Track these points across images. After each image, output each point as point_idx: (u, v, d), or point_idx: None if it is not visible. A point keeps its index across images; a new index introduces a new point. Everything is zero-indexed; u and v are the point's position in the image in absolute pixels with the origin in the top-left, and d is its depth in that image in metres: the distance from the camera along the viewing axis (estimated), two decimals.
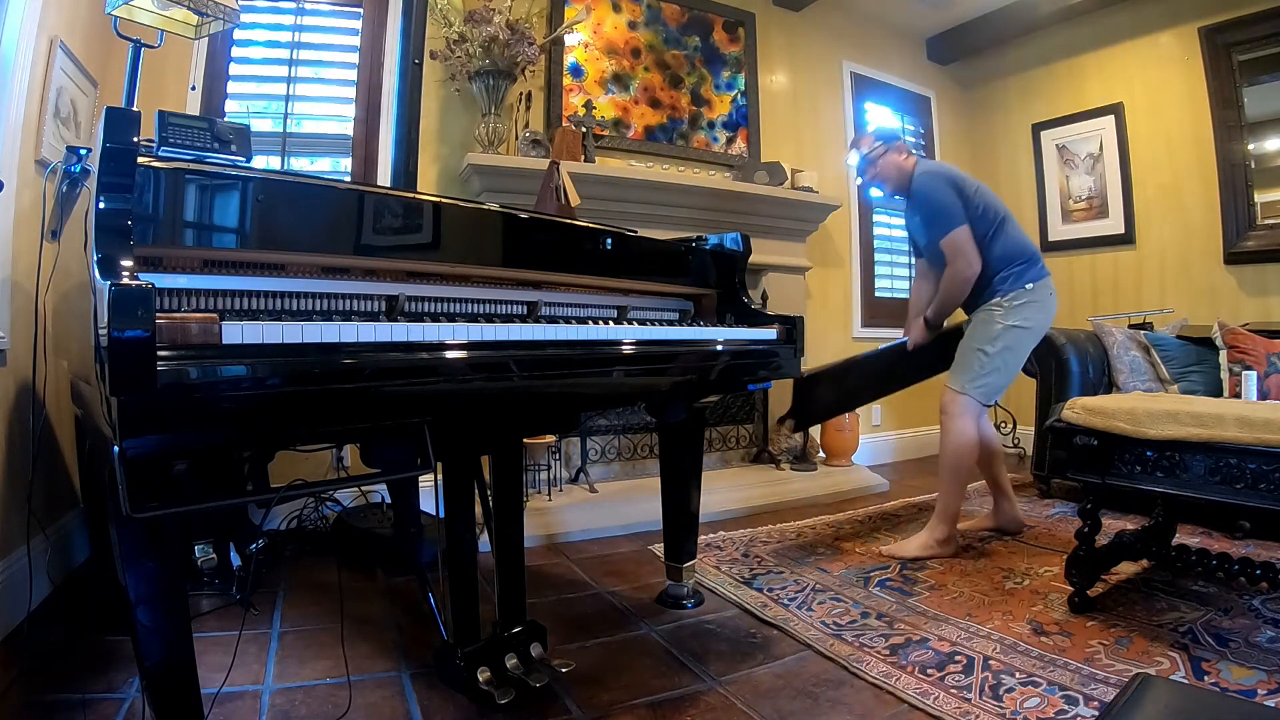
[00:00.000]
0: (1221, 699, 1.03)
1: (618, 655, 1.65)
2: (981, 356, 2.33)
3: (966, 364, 2.36)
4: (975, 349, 2.35)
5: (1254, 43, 3.33)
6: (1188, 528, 2.55)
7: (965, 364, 2.36)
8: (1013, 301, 2.33)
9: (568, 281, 1.53)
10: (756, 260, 2.52)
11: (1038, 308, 2.35)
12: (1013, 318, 2.32)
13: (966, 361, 2.36)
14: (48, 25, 1.84)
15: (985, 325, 2.36)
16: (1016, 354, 2.36)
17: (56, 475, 1.99)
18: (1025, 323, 2.33)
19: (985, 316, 2.37)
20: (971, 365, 2.34)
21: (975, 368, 2.33)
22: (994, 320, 2.34)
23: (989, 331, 2.34)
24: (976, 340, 2.36)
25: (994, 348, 2.32)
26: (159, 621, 0.93)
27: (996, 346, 2.32)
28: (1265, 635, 1.65)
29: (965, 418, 2.34)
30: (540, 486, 2.98)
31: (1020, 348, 2.36)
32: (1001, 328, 2.32)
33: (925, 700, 1.41)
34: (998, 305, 2.35)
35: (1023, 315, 2.32)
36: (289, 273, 1.12)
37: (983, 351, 2.33)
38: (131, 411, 0.78)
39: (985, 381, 2.33)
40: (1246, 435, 1.51)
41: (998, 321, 2.33)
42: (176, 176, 0.98)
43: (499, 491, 1.52)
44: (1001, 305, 2.34)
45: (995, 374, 2.33)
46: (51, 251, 1.73)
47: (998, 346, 2.32)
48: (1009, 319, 2.32)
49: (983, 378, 2.32)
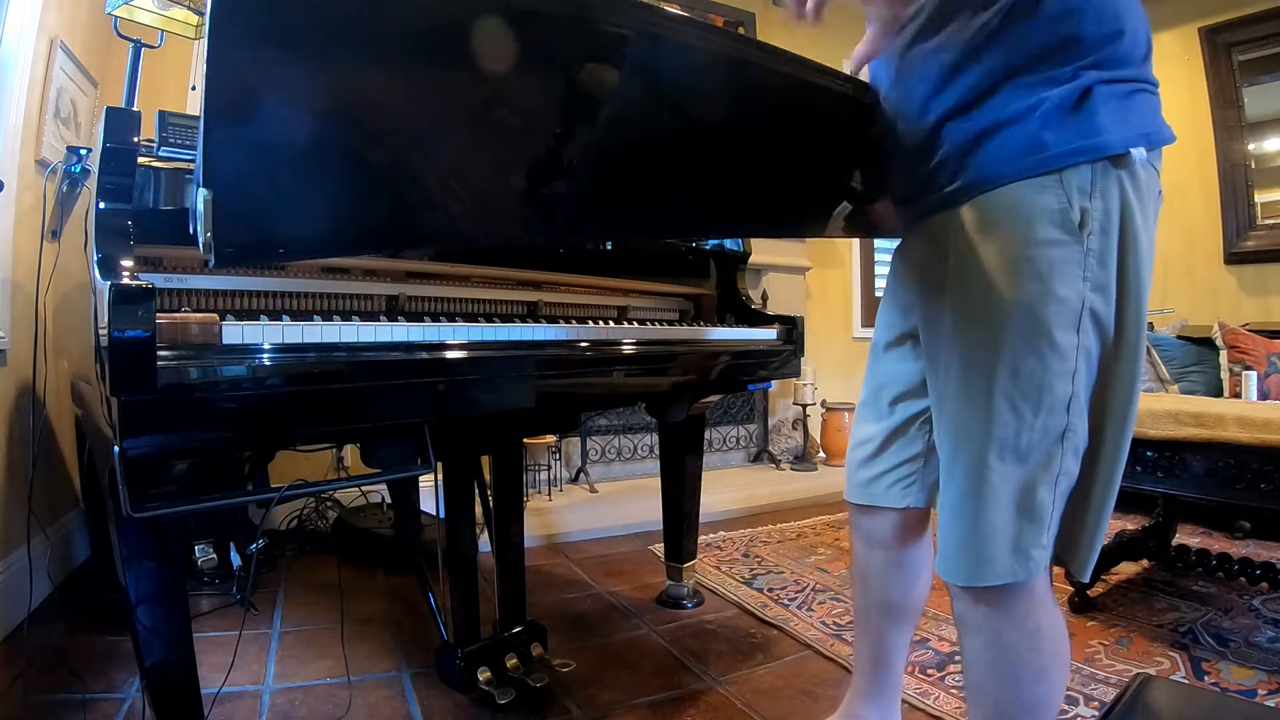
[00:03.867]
0: (1221, 699, 1.03)
1: (618, 655, 1.65)
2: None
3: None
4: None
5: (1254, 43, 3.33)
6: (1188, 528, 2.55)
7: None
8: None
9: (568, 281, 1.53)
10: (756, 260, 2.52)
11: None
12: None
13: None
14: (48, 25, 1.84)
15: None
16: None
17: (56, 475, 1.99)
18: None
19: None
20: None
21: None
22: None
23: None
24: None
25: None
26: (159, 621, 0.93)
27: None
28: (1265, 635, 1.65)
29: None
30: (540, 486, 2.98)
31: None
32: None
33: (925, 700, 1.41)
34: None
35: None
36: (289, 273, 1.12)
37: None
38: (132, 411, 0.78)
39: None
40: (1246, 435, 1.51)
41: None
42: (177, 177, 0.99)
43: (499, 491, 1.52)
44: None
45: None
46: (51, 251, 1.73)
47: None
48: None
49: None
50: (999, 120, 0.79)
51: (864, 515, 1.11)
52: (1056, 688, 0.85)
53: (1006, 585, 0.80)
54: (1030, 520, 0.79)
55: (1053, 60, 0.77)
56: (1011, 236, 0.78)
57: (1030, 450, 0.79)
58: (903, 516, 1.06)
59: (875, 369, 1.09)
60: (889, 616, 1.12)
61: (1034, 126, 0.77)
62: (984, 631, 0.84)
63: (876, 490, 1.07)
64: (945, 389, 0.86)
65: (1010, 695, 0.84)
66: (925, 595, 1.12)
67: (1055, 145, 0.76)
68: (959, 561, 0.83)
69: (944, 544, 0.85)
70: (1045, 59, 0.77)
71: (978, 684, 0.86)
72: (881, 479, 1.06)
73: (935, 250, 0.87)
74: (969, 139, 0.81)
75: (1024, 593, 0.81)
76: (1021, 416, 0.78)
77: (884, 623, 1.13)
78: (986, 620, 0.84)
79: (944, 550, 0.85)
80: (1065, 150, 0.76)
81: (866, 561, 1.12)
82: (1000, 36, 0.78)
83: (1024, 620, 0.82)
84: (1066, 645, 0.87)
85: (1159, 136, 0.80)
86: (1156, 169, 0.81)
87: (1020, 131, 0.78)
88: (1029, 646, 0.83)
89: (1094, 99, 0.76)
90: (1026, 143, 0.77)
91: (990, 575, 0.80)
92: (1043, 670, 0.83)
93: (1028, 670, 0.83)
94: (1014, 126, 0.78)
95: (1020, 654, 0.83)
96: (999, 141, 0.79)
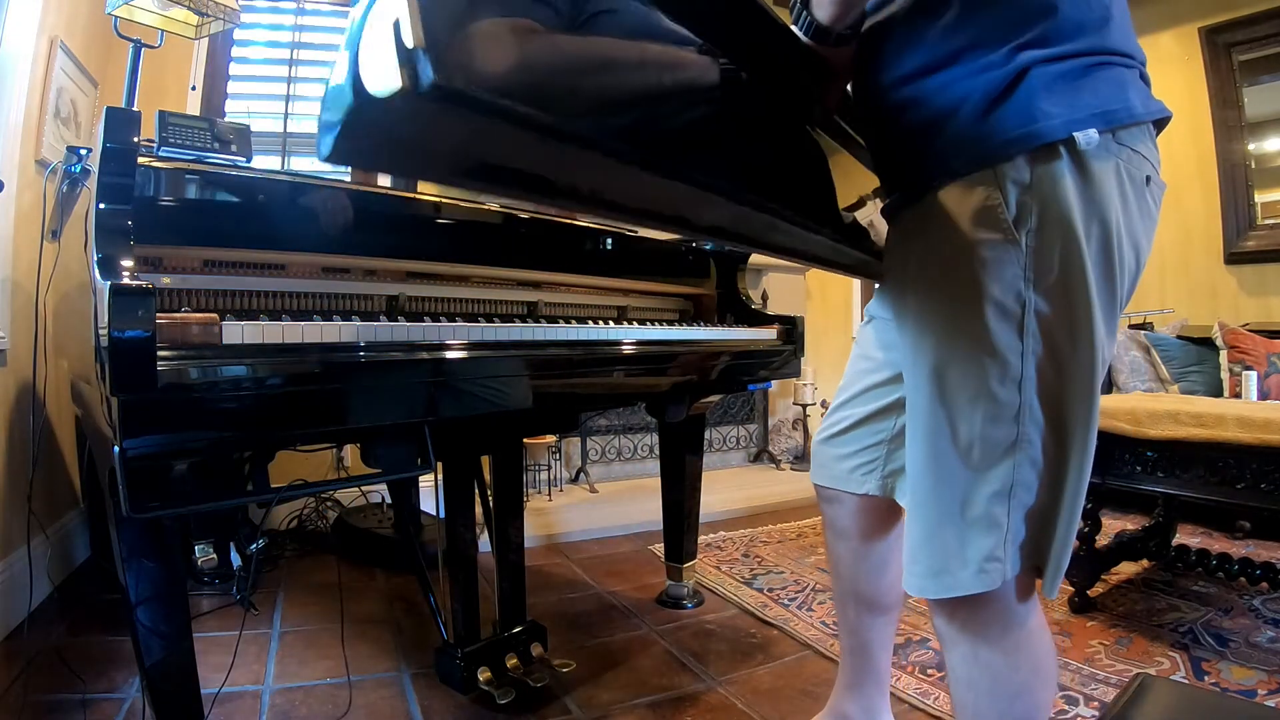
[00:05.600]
0: (1221, 699, 1.03)
1: (618, 655, 1.65)
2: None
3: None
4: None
5: (1254, 43, 3.33)
6: (1188, 528, 2.55)
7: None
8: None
9: (568, 281, 1.53)
10: (756, 260, 2.52)
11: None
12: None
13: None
14: (48, 25, 1.84)
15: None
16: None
17: (57, 475, 1.99)
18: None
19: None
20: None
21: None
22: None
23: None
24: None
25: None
26: (159, 621, 0.93)
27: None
28: (1265, 635, 1.65)
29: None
30: (540, 486, 2.98)
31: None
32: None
33: (925, 700, 1.41)
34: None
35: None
36: (289, 273, 1.12)
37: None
38: (132, 411, 0.78)
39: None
40: (1246, 435, 1.51)
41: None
42: (177, 176, 0.99)
43: (499, 491, 1.52)
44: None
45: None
46: (51, 251, 1.73)
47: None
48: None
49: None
50: (936, 116, 0.74)
51: (827, 501, 1.10)
52: (1040, 703, 0.81)
53: (977, 599, 0.76)
54: (982, 532, 0.74)
55: (984, 44, 0.70)
56: (946, 239, 0.74)
57: (979, 461, 0.74)
58: (862, 504, 1.04)
59: (856, 350, 1.09)
60: (861, 609, 1.11)
61: (966, 120, 0.71)
62: (959, 646, 0.81)
63: (837, 472, 1.06)
64: (908, 392, 0.82)
65: (989, 711, 0.80)
66: (897, 589, 1.08)
67: (988, 138, 0.70)
68: (911, 570, 0.80)
69: (904, 551, 0.82)
70: (977, 44, 0.70)
71: (959, 699, 0.84)
72: (842, 461, 1.05)
73: (897, 251, 0.85)
74: (915, 137, 0.77)
75: (998, 608, 0.77)
76: (966, 426, 0.74)
77: (858, 614, 1.11)
78: (961, 635, 0.80)
79: (904, 558, 0.82)
80: (999, 143, 0.70)
81: (835, 552, 1.12)
82: (924, 24, 0.73)
83: (1000, 637, 0.78)
84: (1052, 662, 0.83)
85: (1124, 113, 0.71)
86: (1136, 149, 0.72)
87: (954, 126, 0.73)
88: (1007, 664, 0.79)
89: (1030, 81, 0.69)
90: (959, 138, 0.72)
91: (941, 587, 0.77)
92: (1024, 686, 0.79)
93: (1006, 687, 0.79)
94: (951, 121, 0.73)
95: (998, 670, 0.79)
96: (940, 138, 0.74)
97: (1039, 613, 0.81)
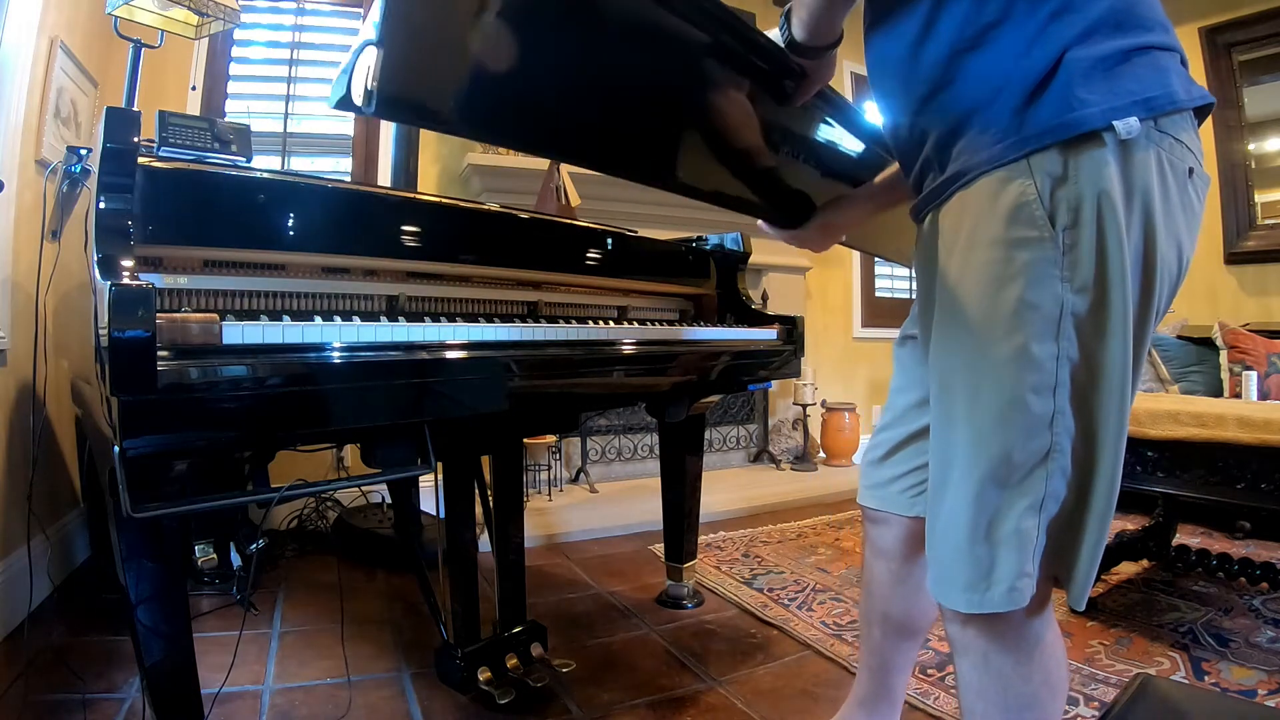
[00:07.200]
0: (1221, 699, 1.03)
1: (618, 655, 1.65)
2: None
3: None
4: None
5: (1254, 43, 3.33)
6: (1188, 528, 2.55)
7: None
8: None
9: (568, 282, 1.53)
10: (756, 260, 2.51)
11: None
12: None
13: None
14: (48, 25, 1.84)
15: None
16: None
17: (57, 475, 1.99)
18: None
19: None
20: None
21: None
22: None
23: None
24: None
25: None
26: (159, 621, 0.93)
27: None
28: (1265, 635, 1.65)
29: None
30: (540, 486, 2.98)
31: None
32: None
33: (925, 700, 1.41)
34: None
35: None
36: (289, 273, 1.12)
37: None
38: (132, 412, 0.78)
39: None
40: (1246, 435, 1.51)
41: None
42: (177, 176, 0.98)
43: (499, 491, 1.52)
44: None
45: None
46: (52, 251, 1.73)
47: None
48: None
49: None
50: (971, 106, 0.71)
51: (872, 522, 1.06)
52: (1050, 715, 0.78)
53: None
54: (1012, 549, 0.71)
55: (1017, 28, 0.67)
56: (980, 237, 0.70)
57: (1010, 474, 0.71)
58: (910, 527, 1.00)
59: (897, 369, 1.05)
60: (889, 630, 1.08)
61: (1001, 108, 0.68)
62: (971, 654, 0.79)
63: (886, 495, 1.02)
64: (933, 403, 0.79)
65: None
66: (929, 615, 1.05)
67: (1023, 127, 0.67)
68: (938, 585, 0.78)
69: (929, 562, 0.80)
70: (1006, 17, 0.68)
71: (969, 706, 0.81)
72: (892, 484, 1.01)
73: (927, 254, 0.81)
74: (946, 129, 0.74)
75: (1013, 618, 0.75)
76: (997, 438, 0.70)
77: (884, 636, 1.08)
78: (974, 643, 0.78)
79: (929, 568, 0.80)
80: (1034, 132, 0.66)
81: (872, 571, 1.08)
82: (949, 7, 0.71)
83: (1014, 647, 0.76)
84: (1063, 673, 0.81)
85: (1165, 99, 0.67)
86: (1179, 138, 0.68)
87: (989, 115, 0.69)
88: (1019, 674, 0.77)
89: (1068, 67, 0.66)
90: (994, 127, 0.69)
91: (968, 604, 0.74)
92: (1033, 697, 0.77)
93: (1016, 697, 0.77)
94: (984, 111, 0.70)
95: (1009, 680, 0.77)
96: (973, 128, 0.71)
97: (1053, 623, 0.79)
